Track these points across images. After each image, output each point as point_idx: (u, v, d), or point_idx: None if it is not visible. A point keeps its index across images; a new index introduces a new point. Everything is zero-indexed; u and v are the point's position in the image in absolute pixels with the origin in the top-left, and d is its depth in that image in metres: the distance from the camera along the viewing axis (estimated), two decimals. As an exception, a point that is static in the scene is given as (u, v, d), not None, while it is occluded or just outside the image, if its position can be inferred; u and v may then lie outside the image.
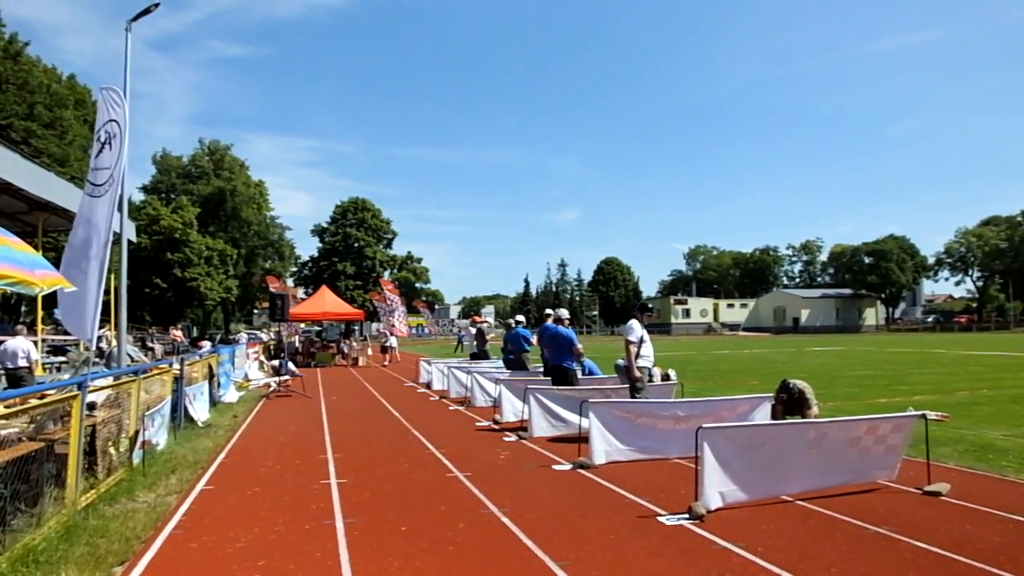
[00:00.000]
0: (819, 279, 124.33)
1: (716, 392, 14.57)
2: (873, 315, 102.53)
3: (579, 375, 11.65)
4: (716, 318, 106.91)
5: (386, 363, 30.35)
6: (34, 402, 5.94)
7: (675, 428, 8.34)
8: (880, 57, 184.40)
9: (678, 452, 8.21)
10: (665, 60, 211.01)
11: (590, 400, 8.35)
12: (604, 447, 8.07)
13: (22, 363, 11.46)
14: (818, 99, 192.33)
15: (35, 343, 15.63)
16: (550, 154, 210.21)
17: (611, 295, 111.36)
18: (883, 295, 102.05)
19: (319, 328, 39.35)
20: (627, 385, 10.75)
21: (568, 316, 11.79)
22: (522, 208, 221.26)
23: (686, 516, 5.79)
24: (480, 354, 19.30)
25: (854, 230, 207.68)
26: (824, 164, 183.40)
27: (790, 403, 8.90)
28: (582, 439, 8.30)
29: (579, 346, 11.32)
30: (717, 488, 6.00)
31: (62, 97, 41.81)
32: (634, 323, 9.45)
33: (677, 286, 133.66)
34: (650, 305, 10.01)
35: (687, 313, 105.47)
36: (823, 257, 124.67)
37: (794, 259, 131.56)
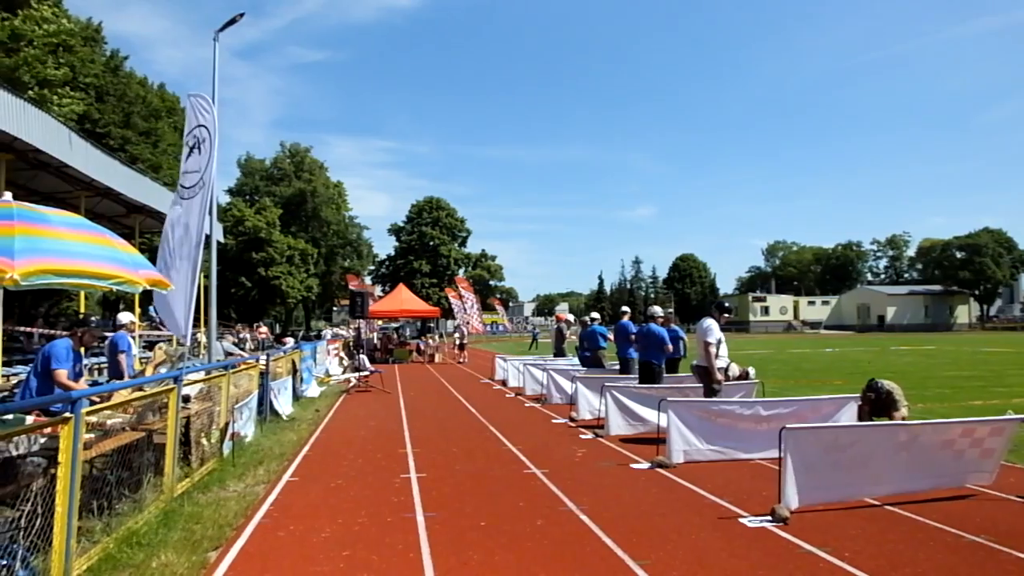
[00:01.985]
0: (906, 275, 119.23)
1: (797, 392, 14.15)
2: (965, 313, 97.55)
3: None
4: (796, 316, 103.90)
5: (462, 360, 30.68)
6: (135, 394, 6.26)
7: (756, 428, 8.15)
8: (971, 40, 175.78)
9: (759, 452, 8.04)
10: (741, 51, 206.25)
11: (669, 399, 8.25)
12: (683, 446, 7.96)
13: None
14: (905, 86, 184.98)
15: (133, 338, 16.47)
16: (624, 149, 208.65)
17: (687, 292, 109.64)
18: (977, 292, 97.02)
19: (396, 325, 40.09)
20: (700, 385, 10.64)
21: (662, 314, 11.86)
22: (596, 205, 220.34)
23: (769, 518, 5.66)
24: (558, 352, 19.31)
25: (945, 223, 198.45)
26: (912, 154, 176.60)
27: (877, 403, 8.57)
28: (660, 438, 8.20)
29: (669, 345, 11.28)
30: (801, 490, 5.83)
31: (156, 107, 43.94)
32: (712, 323, 9.20)
33: (755, 283, 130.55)
34: (727, 304, 9.77)
35: (766, 311, 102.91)
36: (911, 252, 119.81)
37: (879, 254, 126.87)
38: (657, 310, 11.86)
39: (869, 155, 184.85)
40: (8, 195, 3.91)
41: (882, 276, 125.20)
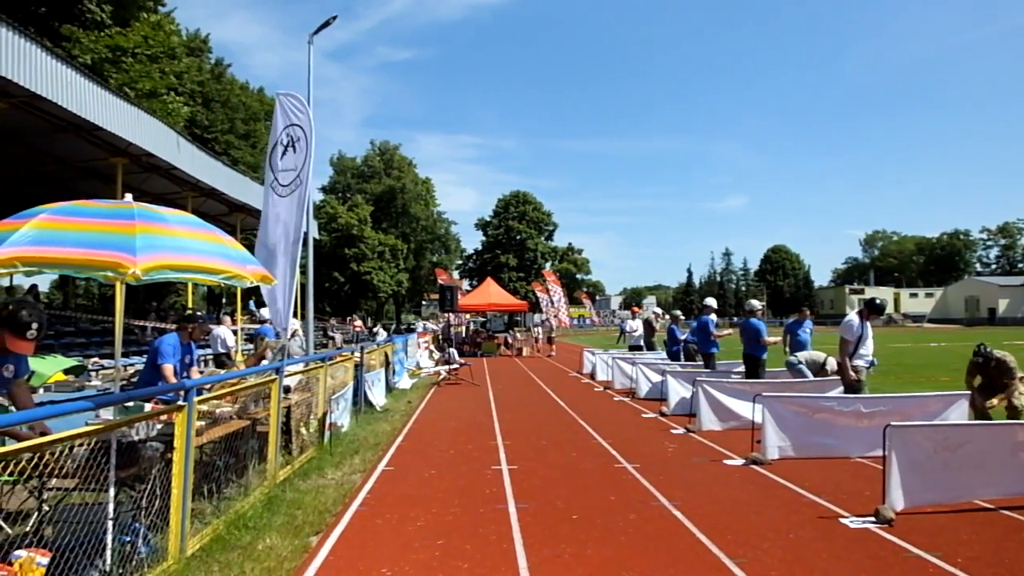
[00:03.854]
0: (1021, 265, 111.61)
1: (900, 388, 13.54)
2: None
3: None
4: (897, 309, 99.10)
5: (551, 353, 30.73)
6: (241, 385, 6.57)
7: (856, 425, 7.84)
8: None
9: (860, 451, 7.74)
10: (835, 33, 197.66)
11: (763, 393, 8.03)
12: (778, 443, 7.75)
13: (220, 349, 12.68)
14: (1016, 62, 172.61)
15: (235, 332, 17.29)
16: (713, 139, 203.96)
17: (779, 285, 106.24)
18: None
19: (484, 319, 40.50)
20: (796, 381, 10.32)
21: (760, 307, 11.86)
22: (684, 196, 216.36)
23: (872, 519, 5.44)
24: (648, 345, 19.11)
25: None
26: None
27: (986, 370, 8.08)
28: (754, 434, 8.00)
29: (767, 337, 11.13)
30: (907, 491, 5.57)
31: (255, 111, 45.90)
32: (853, 320, 8.77)
33: (852, 275, 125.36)
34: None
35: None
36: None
37: (989, 243, 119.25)
38: (755, 303, 11.77)
39: (977, 138, 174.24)
40: (128, 196, 4.17)
41: (993, 267, 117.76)
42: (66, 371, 9.57)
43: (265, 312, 12.28)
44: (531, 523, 5.53)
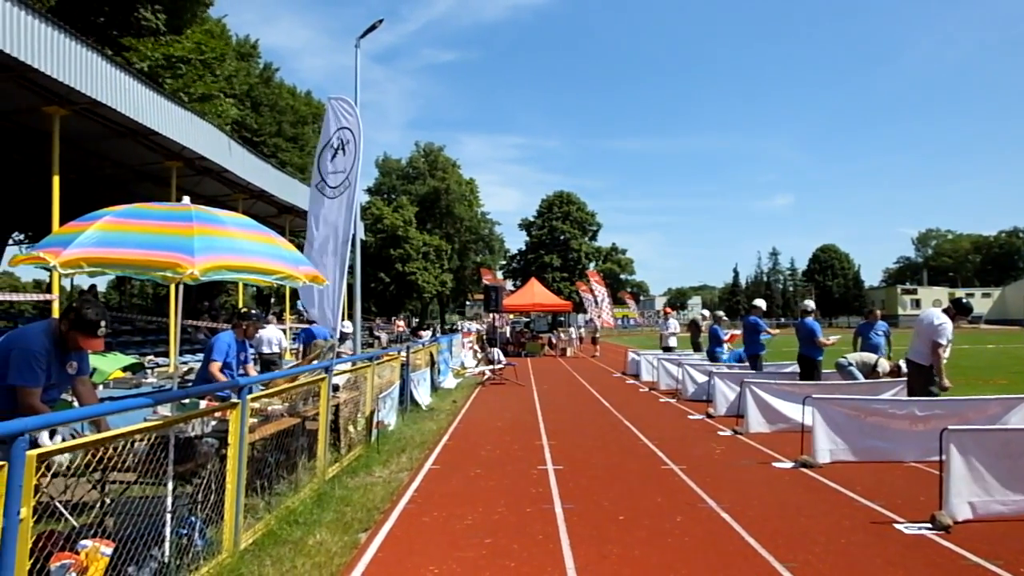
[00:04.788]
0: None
1: (956, 391, 13.09)
2: None
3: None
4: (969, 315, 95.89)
5: (596, 354, 30.61)
6: (292, 383, 6.70)
7: (911, 429, 7.64)
8: None
9: (915, 455, 7.55)
10: (886, 26, 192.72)
11: (814, 395, 7.89)
12: (829, 446, 7.60)
13: (275, 350, 12.92)
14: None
15: (283, 331, 17.62)
16: (759, 137, 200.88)
17: (828, 285, 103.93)
18: None
19: (527, 319, 40.53)
20: (848, 382, 10.11)
21: (814, 308, 11.67)
22: (730, 195, 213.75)
23: (928, 525, 5.30)
24: (694, 346, 18.92)
25: None
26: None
27: None
28: (804, 436, 7.86)
29: (821, 338, 10.94)
30: (966, 498, 5.42)
31: (303, 115, 46.70)
32: (948, 322, 8.20)
33: (905, 274, 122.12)
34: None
35: (917, 304, 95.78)
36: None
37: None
38: (809, 304, 11.60)
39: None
40: (186, 199, 4.29)
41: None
42: (124, 368, 9.88)
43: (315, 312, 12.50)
44: (577, 523, 5.53)
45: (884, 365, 10.33)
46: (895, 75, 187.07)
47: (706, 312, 18.14)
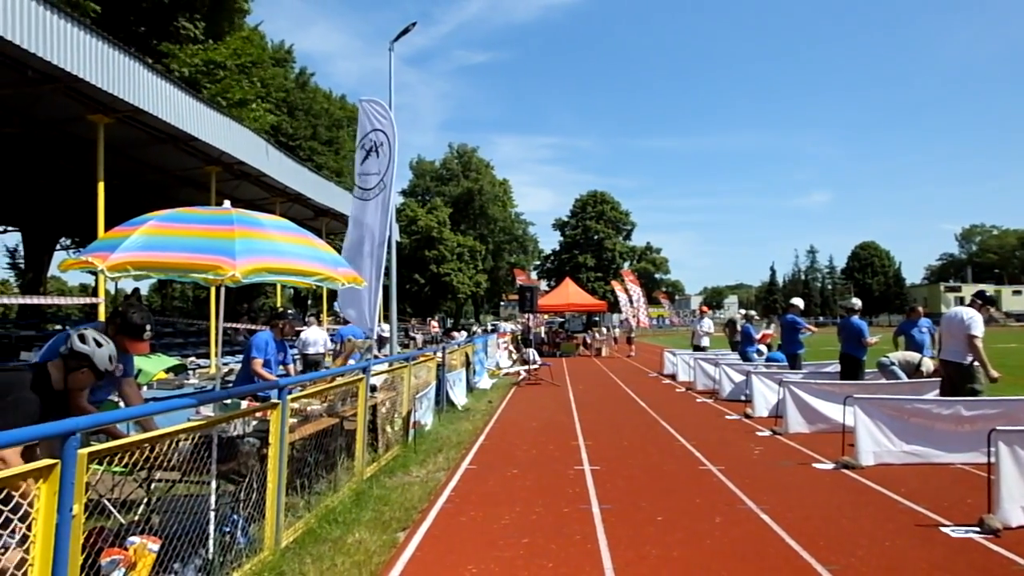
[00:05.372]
0: None
1: (1004, 391, 12.78)
2: None
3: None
4: (999, 307, 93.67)
5: (631, 354, 30.44)
6: (330, 384, 6.79)
7: (957, 430, 7.47)
8: None
9: (961, 457, 7.38)
10: (927, 18, 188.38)
11: (855, 395, 7.76)
12: (872, 447, 7.46)
13: (320, 350, 13.07)
14: None
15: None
16: (795, 133, 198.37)
17: (868, 283, 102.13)
18: None
19: (562, 319, 40.44)
20: (890, 382, 9.92)
21: (860, 306, 11.46)
22: (766, 193, 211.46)
23: (976, 529, 5.18)
24: (732, 345, 18.70)
25: None
26: None
27: None
28: (845, 437, 7.73)
29: (868, 338, 10.73)
30: (1018, 501, 5.27)
31: (338, 118, 47.29)
32: (979, 316, 8.09)
33: (948, 271, 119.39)
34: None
35: (960, 301, 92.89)
36: None
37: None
38: (855, 302, 11.40)
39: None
40: (227, 203, 4.37)
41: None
42: (167, 370, 10.09)
43: (351, 312, 12.69)
44: (615, 524, 5.51)
45: (928, 364, 10.10)
46: (936, 67, 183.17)
47: (752, 312, 17.90)
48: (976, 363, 7.96)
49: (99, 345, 3.73)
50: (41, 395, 3.53)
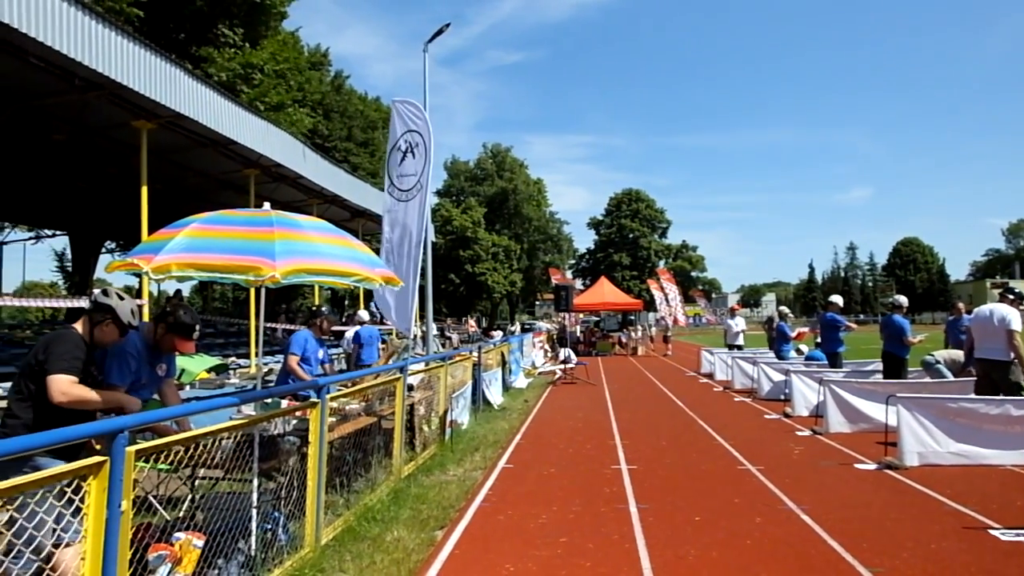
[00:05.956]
0: None
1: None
2: None
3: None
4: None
5: (668, 352, 30.22)
6: (368, 383, 6.86)
7: (1006, 430, 7.29)
8: None
9: (1011, 458, 7.19)
10: (971, 9, 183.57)
11: (899, 394, 7.60)
12: (916, 447, 7.30)
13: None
14: None
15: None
16: (833, 128, 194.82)
17: (910, 280, 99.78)
18: None
19: (597, 318, 40.28)
20: (933, 381, 9.68)
21: (906, 303, 11.24)
22: (804, 188, 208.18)
23: (1027, 531, 5.04)
24: (770, 343, 18.46)
25: None
26: None
27: None
28: (888, 437, 7.58)
29: (911, 336, 10.49)
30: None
31: (372, 120, 47.76)
32: (1017, 312, 7.89)
33: (994, 268, 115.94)
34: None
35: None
36: None
37: None
38: (900, 299, 11.13)
39: None
40: (267, 205, 4.45)
41: None
42: (209, 369, 10.29)
43: (363, 314, 12.79)
44: (653, 524, 5.47)
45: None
46: (977, 57, 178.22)
47: (784, 309, 17.63)
48: (1016, 360, 7.74)
49: (121, 299, 3.89)
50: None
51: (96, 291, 3.89)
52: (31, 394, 3.53)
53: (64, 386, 3.44)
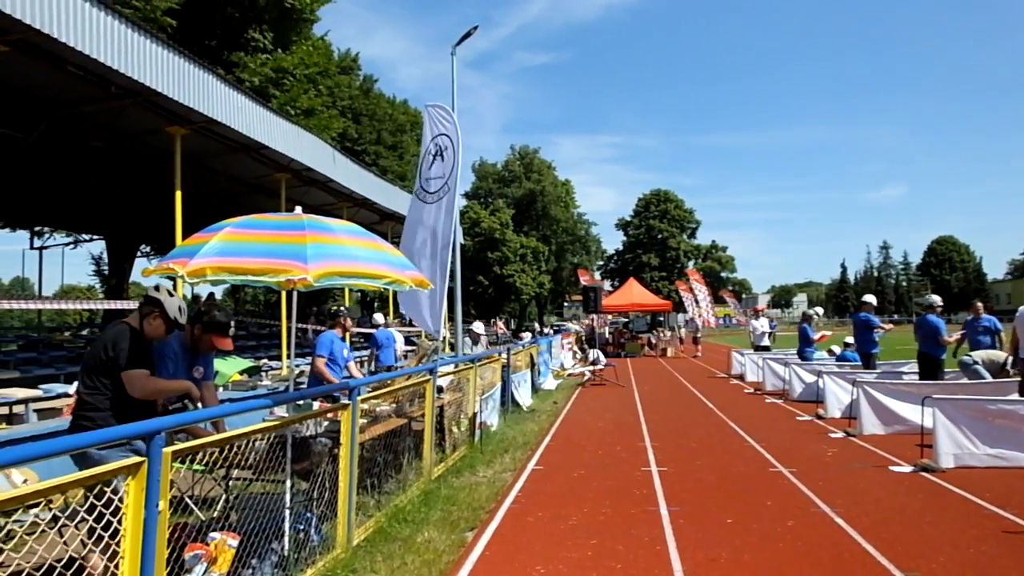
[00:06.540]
0: None
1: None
2: None
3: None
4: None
5: (697, 354, 29.99)
6: (398, 385, 6.91)
7: (1048, 432, 7.12)
8: None
9: (1053, 460, 7.02)
10: (1008, 5, 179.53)
11: (935, 396, 7.47)
12: (952, 449, 7.17)
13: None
14: None
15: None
16: (864, 125, 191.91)
17: (946, 279, 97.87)
18: None
19: (626, 319, 40.13)
20: (973, 382, 9.49)
21: (940, 303, 11.00)
22: (836, 187, 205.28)
23: (1069, 535, 4.92)
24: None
25: None
26: None
27: None
28: (923, 439, 7.44)
29: (945, 335, 10.33)
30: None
31: (401, 123, 48.13)
32: None
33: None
34: None
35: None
36: None
37: None
38: (935, 298, 10.94)
39: None
40: (298, 208, 4.52)
41: None
42: (241, 372, 10.43)
43: (379, 317, 12.90)
44: (684, 526, 5.44)
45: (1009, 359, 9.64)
46: (1014, 53, 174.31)
47: (813, 311, 17.38)
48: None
49: (170, 295, 4.16)
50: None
51: (150, 287, 4.19)
52: (105, 387, 3.85)
53: (140, 381, 3.85)
